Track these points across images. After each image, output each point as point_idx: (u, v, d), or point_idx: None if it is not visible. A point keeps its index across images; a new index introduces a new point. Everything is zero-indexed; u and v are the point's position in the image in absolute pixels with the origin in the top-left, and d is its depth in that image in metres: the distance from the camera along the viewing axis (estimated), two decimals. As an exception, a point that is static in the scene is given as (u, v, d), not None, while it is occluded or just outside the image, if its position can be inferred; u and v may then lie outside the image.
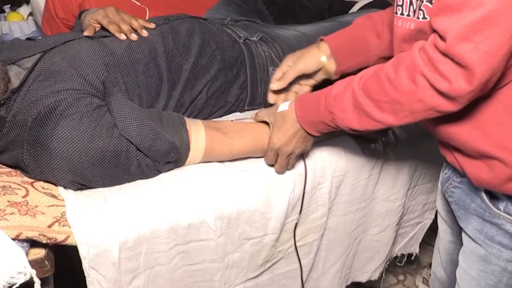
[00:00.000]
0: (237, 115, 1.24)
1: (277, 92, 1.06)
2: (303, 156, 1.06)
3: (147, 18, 1.58)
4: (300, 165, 1.06)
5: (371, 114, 0.79)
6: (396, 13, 0.82)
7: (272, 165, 1.03)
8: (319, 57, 1.03)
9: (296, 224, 1.10)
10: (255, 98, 1.26)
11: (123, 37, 1.09)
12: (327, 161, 1.10)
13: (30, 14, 1.93)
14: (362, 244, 1.31)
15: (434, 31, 0.69)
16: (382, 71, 0.77)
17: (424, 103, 0.72)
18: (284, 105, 0.98)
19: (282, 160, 0.99)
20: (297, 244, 1.13)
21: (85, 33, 1.09)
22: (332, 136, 1.07)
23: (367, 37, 1.03)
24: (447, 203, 0.96)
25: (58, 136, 0.85)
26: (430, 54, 0.68)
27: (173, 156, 0.94)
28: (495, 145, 0.75)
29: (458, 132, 0.78)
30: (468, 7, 0.63)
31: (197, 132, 0.98)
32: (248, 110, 1.27)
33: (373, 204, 1.25)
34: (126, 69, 1.03)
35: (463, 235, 0.91)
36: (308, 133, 0.95)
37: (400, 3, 0.80)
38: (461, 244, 0.92)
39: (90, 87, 0.94)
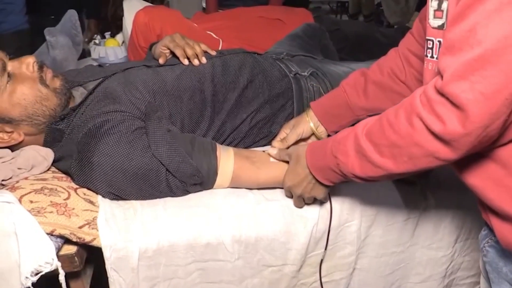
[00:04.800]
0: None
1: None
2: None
3: (219, 49, 1.76)
4: (326, 200, 1.11)
5: (372, 158, 0.79)
6: (426, 56, 0.82)
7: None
8: (309, 124, 1.17)
9: (322, 259, 1.14)
10: (300, 131, 1.34)
11: (186, 62, 1.26)
12: (356, 199, 1.13)
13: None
14: (401, 292, 1.29)
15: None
16: (384, 115, 0.78)
17: (421, 148, 0.71)
18: None
19: (295, 199, 1.06)
20: (323, 280, 1.17)
21: (160, 61, 1.28)
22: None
23: (351, 101, 1.13)
24: None
25: (99, 151, 1.01)
26: (429, 95, 0.68)
27: (197, 179, 1.05)
28: None
29: (483, 187, 0.76)
30: (468, 46, 0.63)
31: (227, 159, 1.08)
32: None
33: (413, 250, 1.24)
34: (173, 97, 1.18)
35: None
36: (318, 180, 0.97)
37: (430, 46, 0.81)
38: None
39: (136, 110, 1.10)
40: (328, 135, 1.21)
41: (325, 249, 1.13)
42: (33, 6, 2.62)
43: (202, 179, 1.05)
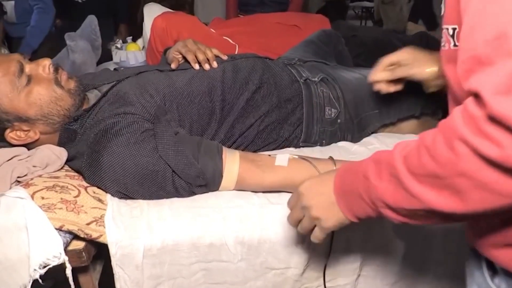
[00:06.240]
0: (290, 150, 1.36)
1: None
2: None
3: (235, 53, 1.80)
4: (330, 205, 1.13)
5: (406, 184, 0.64)
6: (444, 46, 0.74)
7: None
8: (433, 68, 1.14)
9: (326, 264, 1.16)
10: (310, 135, 1.37)
11: (197, 67, 1.31)
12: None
13: (145, 45, 2.30)
14: (410, 300, 1.29)
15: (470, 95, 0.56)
16: (421, 138, 0.65)
17: (469, 178, 0.56)
18: (282, 160, 1.09)
19: (296, 210, 0.90)
20: (327, 285, 1.18)
21: (172, 66, 1.33)
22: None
23: None
24: None
25: (109, 151, 1.06)
26: (471, 112, 0.55)
27: (202, 181, 1.09)
28: None
29: None
30: (502, 55, 0.52)
31: (232, 162, 1.12)
32: (302, 147, 1.38)
33: (420, 259, 1.24)
34: (182, 100, 1.22)
35: None
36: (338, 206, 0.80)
37: (444, 39, 0.73)
38: None
39: (146, 113, 1.15)
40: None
41: (329, 253, 1.15)
42: (68, 11, 2.77)
43: (207, 181, 1.09)
